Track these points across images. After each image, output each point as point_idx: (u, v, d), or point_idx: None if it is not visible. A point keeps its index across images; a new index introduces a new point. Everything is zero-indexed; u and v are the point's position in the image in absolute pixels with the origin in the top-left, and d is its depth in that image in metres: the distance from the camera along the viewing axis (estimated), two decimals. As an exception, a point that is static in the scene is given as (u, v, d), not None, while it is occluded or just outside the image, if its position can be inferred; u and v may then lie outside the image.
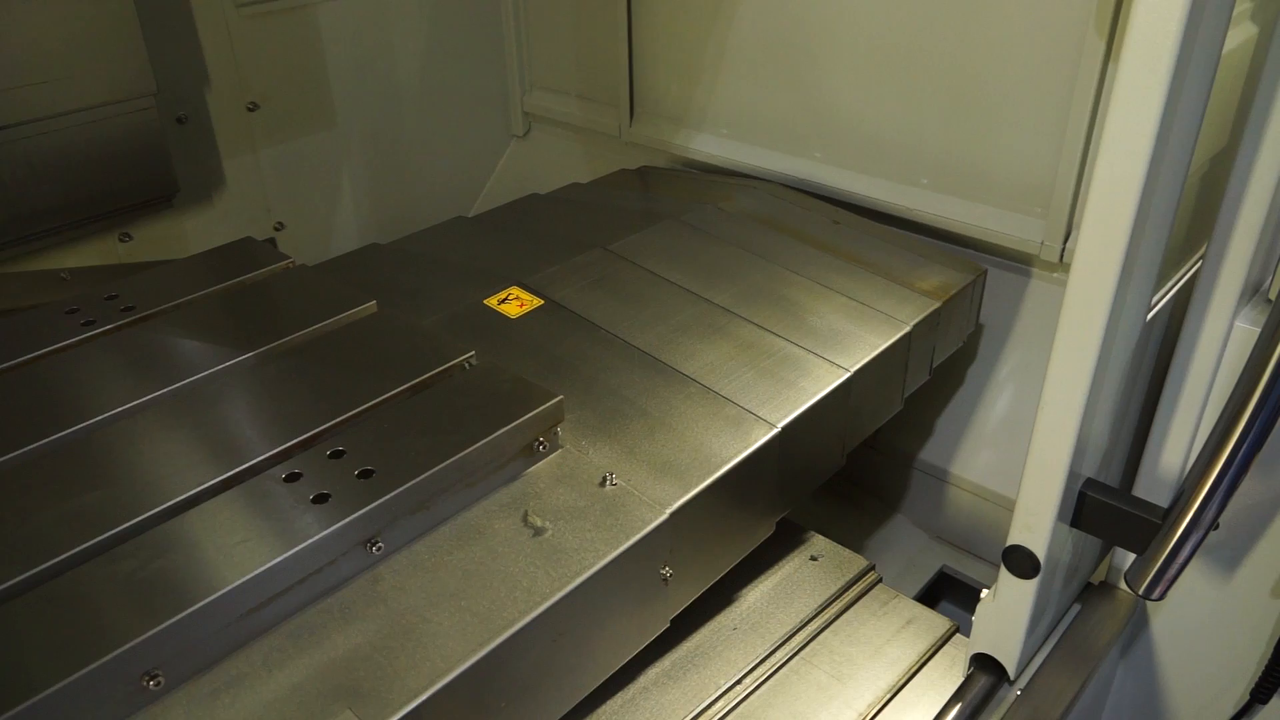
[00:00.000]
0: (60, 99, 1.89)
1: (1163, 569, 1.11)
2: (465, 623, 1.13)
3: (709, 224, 2.08)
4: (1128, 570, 1.15)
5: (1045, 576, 1.19)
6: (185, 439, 1.29)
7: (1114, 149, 0.90)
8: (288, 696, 1.04)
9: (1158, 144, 0.87)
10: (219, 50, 2.29)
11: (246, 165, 2.46)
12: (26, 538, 1.12)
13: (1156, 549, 1.10)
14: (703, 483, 1.36)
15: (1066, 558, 1.27)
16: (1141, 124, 0.87)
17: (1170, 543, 1.08)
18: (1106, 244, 0.94)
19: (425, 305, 1.71)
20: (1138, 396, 1.33)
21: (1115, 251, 0.93)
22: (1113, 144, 0.90)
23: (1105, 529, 1.18)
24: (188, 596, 1.04)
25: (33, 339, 1.49)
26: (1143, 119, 0.87)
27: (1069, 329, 1.01)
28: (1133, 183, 0.89)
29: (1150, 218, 0.96)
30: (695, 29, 2.50)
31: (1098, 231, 0.94)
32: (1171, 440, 1.36)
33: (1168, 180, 0.95)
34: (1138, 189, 0.90)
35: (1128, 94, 0.87)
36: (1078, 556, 1.33)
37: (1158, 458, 1.38)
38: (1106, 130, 0.91)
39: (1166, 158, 0.91)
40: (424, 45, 2.75)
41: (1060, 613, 1.43)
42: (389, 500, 1.18)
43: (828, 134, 2.35)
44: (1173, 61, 0.82)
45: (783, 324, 1.73)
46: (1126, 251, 0.93)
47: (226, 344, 1.47)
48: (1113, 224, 0.92)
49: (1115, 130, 0.89)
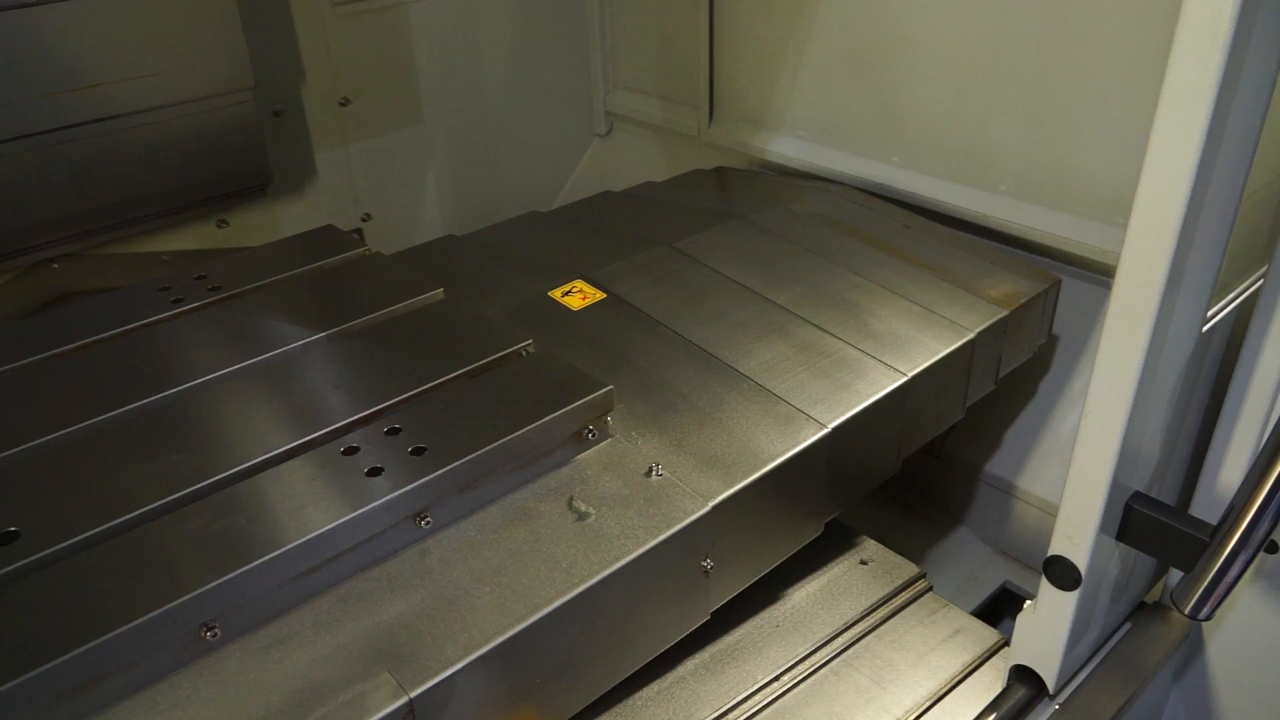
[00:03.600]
0: (165, 91, 2.01)
1: (1210, 589, 1.07)
2: (504, 599, 1.17)
3: (777, 225, 2.09)
4: (1174, 589, 1.12)
5: (1088, 590, 1.17)
6: (257, 410, 1.37)
7: (1160, 154, 0.89)
8: (332, 656, 1.09)
9: (1205, 151, 0.85)
10: (315, 47, 2.39)
11: (337, 158, 2.56)
12: (110, 492, 1.21)
13: (1204, 567, 1.07)
14: (748, 478, 1.38)
15: (1113, 572, 1.24)
16: (1188, 130, 0.85)
17: (1218, 561, 1.05)
18: (1153, 250, 0.92)
19: (491, 295, 1.77)
20: (1195, 411, 1.29)
21: (1161, 258, 0.91)
22: (1159, 148, 0.89)
23: (1152, 545, 1.15)
24: (247, 555, 1.11)
25: (128, 313, 1.60)
26: (1190, 126, 0.85)
27: (1113, 336, 1.00)
28: (1179, 190, 0.88)
29: (1202, 227, 0.94)
30: (776, 31, 2.51)
31: (1144, 237, 0.93)
32: (1230, 458, 1.31)
33: (1222, 190, 0.92)
34: (1184, 197, 0.88)
35: (1174, 99, 0.85)
36: (1127, 573, 1.30)
37: (1215, 476, 1.34)
38: (1153, 135, 0.89)
39: (1218, 166, 0.89)
40: (510, 45, 2.83)
41: (1108, 630, 1.39)
42: (438, 477, 1.23)
43: (905, 138, 2.33)
44: (1222, 62, 0.80)
45: (842, 326, 1.73)
46: (1173, 259, 0.91)
47: (301, 324, 1.55)
48: (1159, 230, 0.91)
49: (1161, 135, 0.88)
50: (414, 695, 1.05)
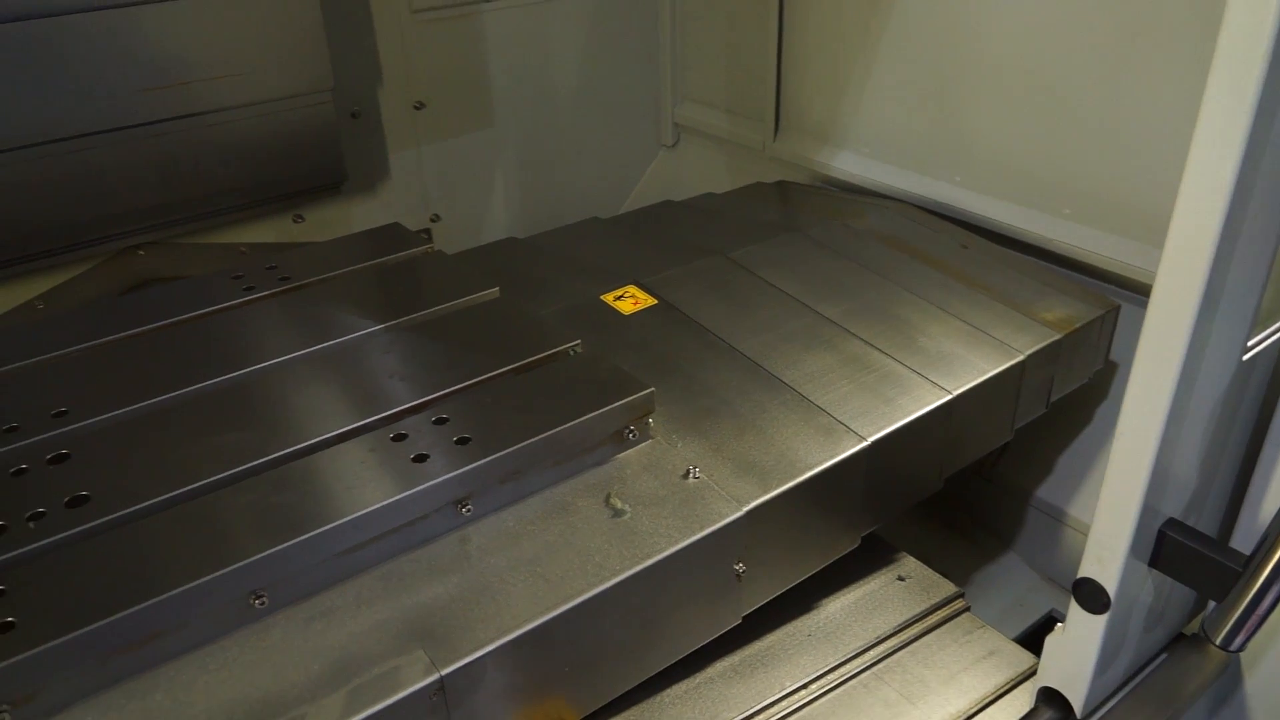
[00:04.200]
0: (249, 91, 2.12)
1: (1242, 619, 1.06)
2: (537, 588, 1.21)
3: (833, 239, 2.10)
4: (1206, 618, 1.11)
5: (1118, 614, 1.16)
6: (315, 394, 1.44)
7: (1197, 172, 0.88)
8: (371, 631, 1.15)
9: (1243, 172, 0.85)
10: (393, 52, 2.48)
11: (409, 159, 2.65)
12: (175, 464, 1.29)
13: (1236, 597, 1.05)
14: (783, 485, 1.40)
15: (1146, 599, 1.23)
16: (1226, 147, 0.85)
17: (1250, 591, 1.03)
18: (1187, 272, 0.92)
19: (545, 296, 1.82)
20: (1237, 441, 1.27)
21: (1196, 280, 0.91)
22: (1196, 165, 0.89)
23: (1186, 573, 1.13)
24: (296, 529, 1.17)
25: (202, 299, 1.69)
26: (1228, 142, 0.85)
27: (1146, 358, 0.99)
28: (1215, 210, 0.88)
29: (1241, 251, 0.93)
30: (844, 48, 2.52)
31: (1178, 258, 0.92)
32: (1273, 490, 1.28)
33: (1264, 213, 0.92)
34: (1220, 217, 0.88)
35: (1211, 124, 0.86)
36: (1163, 601, 1.28)
37: (1257, 508, 1.31)
38: (1190, 158, 0.89)
39: (1259, 188, 0.88)
40: (582, 54, 2.89)
41: (1142, 658, 1.37)
42: (480, 466, 1.28)
43: (969, 158, 2.32)
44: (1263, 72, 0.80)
45: (890, 342, 1.74)
46: (1207, 281, 0.91)
47: (362, 315, 1.62)
48: (1194, 251, 0.91)
49: (1199, 152, 0.88)
50: (445, 673, 1.09)
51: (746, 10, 2.77)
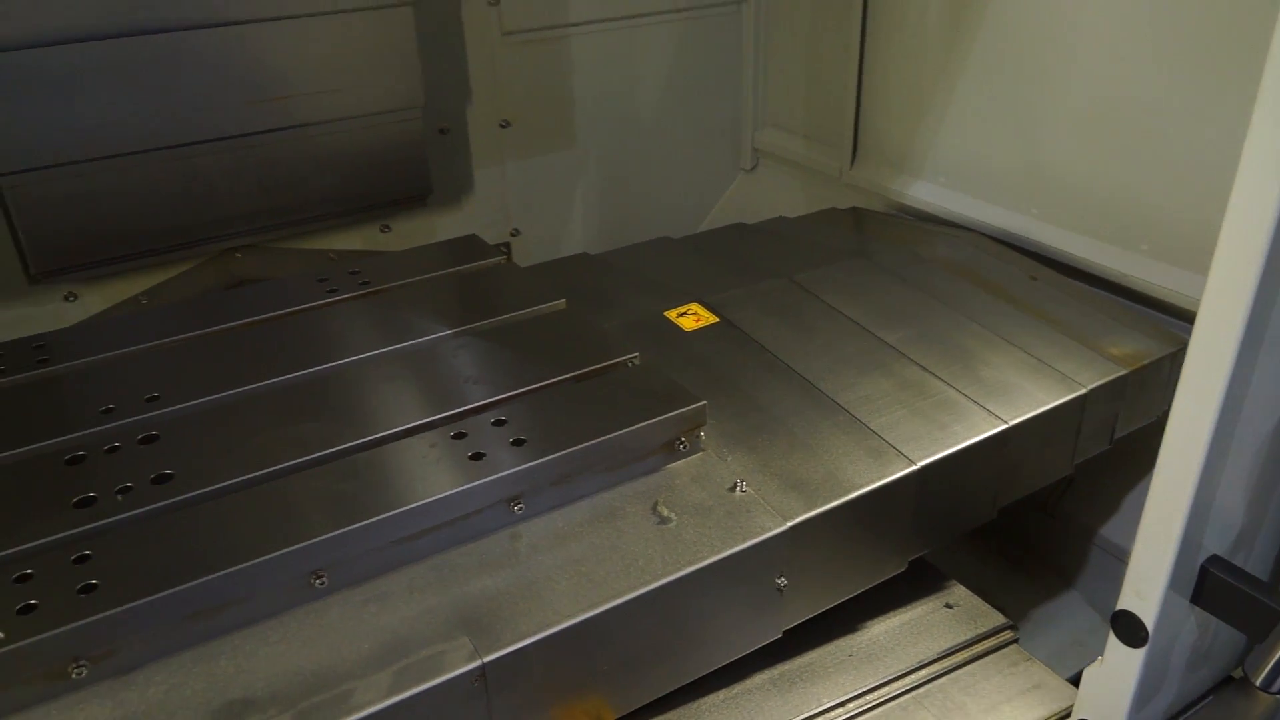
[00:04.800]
0: (345, 105, 2.24)
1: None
2: (581, 586, 1.26)
3: (900, 267, 2.11)
4: (1246, 659, 1.09)
5: (1157, 649, 1.15)
6: (385, 392, 1.52)
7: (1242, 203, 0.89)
8: (421, 616, 1.21)
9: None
10: (482, 72, 2.59)
11: (493, 175, 2.75)
12: (251, 449, 1.38)
13: (1277, 638, 1.04)
14: (829, 504, 1.42)
15: (1189, 637, 1.21)
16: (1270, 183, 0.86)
17: (1294, 634, 1.01)
18: (1230, 302, 0.92)
19: (610, 309, 1.88)
20: (1291, 482, 1.24)
21: (1239, 310, 0.91)
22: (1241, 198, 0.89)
23: (1227, 611, 1.11)
24: (358, 515, 1.24)
25: (288, 299, 1.79)
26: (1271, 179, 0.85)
27: (1188, 388, 0.99)
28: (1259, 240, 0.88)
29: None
30: (924, 79, 2.54)
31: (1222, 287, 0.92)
32: (1329, 534, 1.25)
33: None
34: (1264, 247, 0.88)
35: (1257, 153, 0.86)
36: (1207, 640, 1.25)
37: (1314, 551, 1.27)
38: (1236, 185, 0.90)
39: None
40: (666, 78, 2.96)
41: (1185, 698, 1.34)
42: (532, 467, 1.34)
43: (1046, 190, 2.30)
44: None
45: (949, 370, 1.74)
46: (1250, 311, 0.91)
47: (435, 319, 1.71)
48: (1238, 280, 0.91)
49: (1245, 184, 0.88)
50: (487, 660, 1.15)
51: (829, 39, 2.80)
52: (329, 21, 2.14)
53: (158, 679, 1.13)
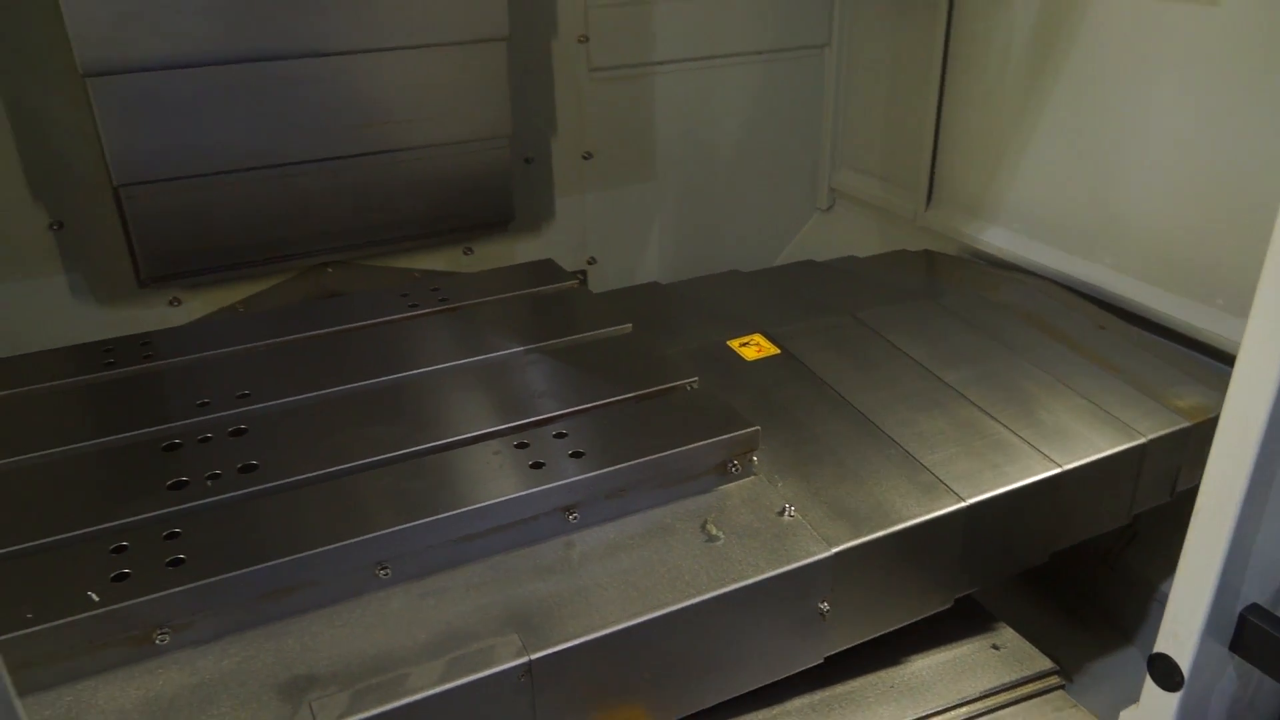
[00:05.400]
0: (438, 132, 2.36)
1: (1323, 716, 1.03)
2: (627, 595, 1.32)
3: (965, 309, 2.13)
4: (1287, 711, 1.08)
5: (1194, 696, 1.14)
6: (456, 401, 1.61)
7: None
8: (475, 612, 1.28)
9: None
10: (568, 105, 2.70)
11: (573, 205, 2.85)
12: (330, 446, 1.48)
13: (1317, 692, 1.03)
14: (874, 533, 1.45)
15: (1229, 685, 1.20)
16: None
17: (1332, 688, 1.00)
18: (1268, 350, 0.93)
19: (674, 336, 1.94)
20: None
21: (1275, 360, 0.92)
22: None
23: (1265, 660, 1.11)
24: (421, 512, 1.33)
25: (372, 311, 1.91)
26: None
27: (1226, 433, 1.00)
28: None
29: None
30: (1001, 125, 2.56)
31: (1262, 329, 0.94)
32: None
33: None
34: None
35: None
36: (1250, 689, 1.24)
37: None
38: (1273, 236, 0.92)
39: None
40: (746, 116, 3.03)
41: (1228, 752, 1.32)
42: (588, 479, 1.41)
43: (1121, 240, 2.30)
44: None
45: (1007, 412, 1.76)
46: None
47: (507, 336, 1.80)
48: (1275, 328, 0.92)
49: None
50: (534, 658, 1.21)
51: (909, 83, 2.84)
52: (428, 54, 2.27)
53: (231, 651, 1.22)
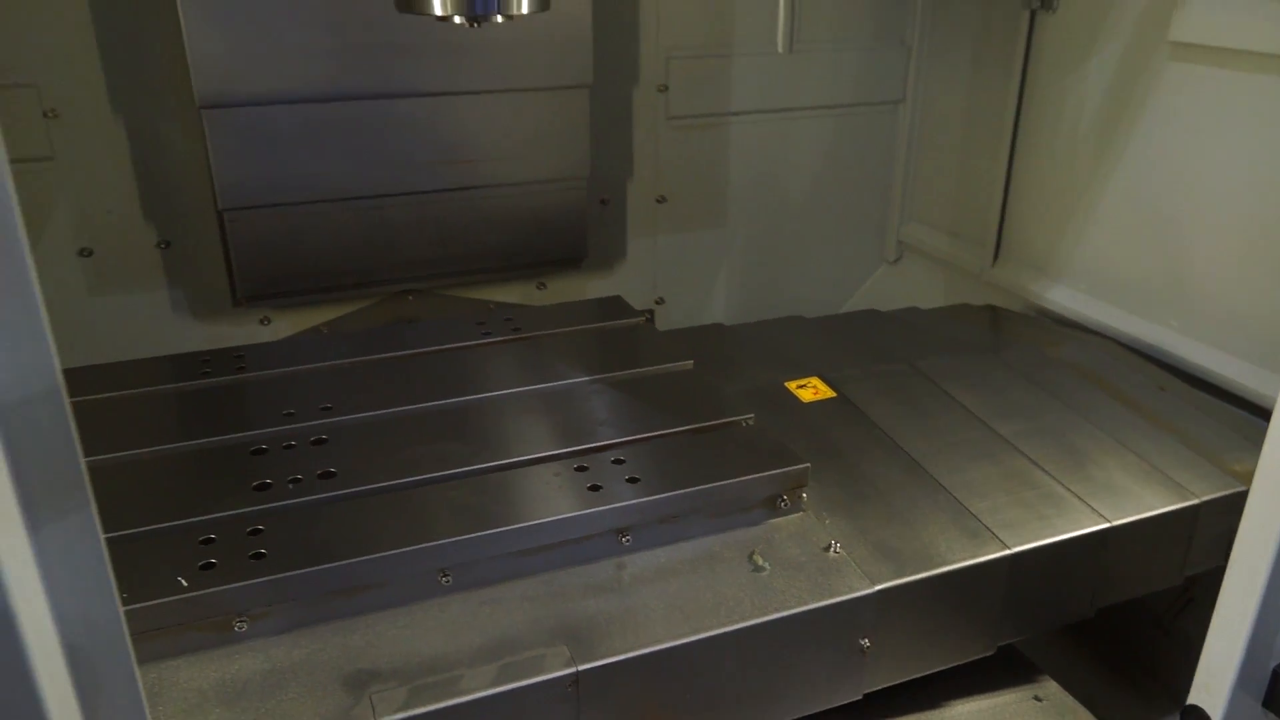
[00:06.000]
0: (519, 171, 2.49)
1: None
2: (672, 617, 1.38)
3: (1024, 364, 2.15)
4: (1320, 772, 1.08)
5: (1228, 752, 1.15)
6: (521, 423, 1.70)
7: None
8: (528, 623, 1.36)
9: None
10: (645, 150, 2.81)
11: (645, 247, 2.95)
12: (402, 459, 1.58)
13: (1350, 754, 1.03)
14: (918, 574, 1.49)
15: (1265, 745, 1.20)
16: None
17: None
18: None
19: (733, 374, 2.01)
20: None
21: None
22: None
23: (1301, 720, 1.11)
24: (483, 524, 1.41)
25: (448, 337, 2.02)
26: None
27: (1262, 483, 1.03)
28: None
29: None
30: (1071, 184, 2.59)
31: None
32: None
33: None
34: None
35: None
36: (1288, 753, 1.23)
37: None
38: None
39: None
40: (818, 167, 3.10)
41: (1266, 814, 1.31)
42: (642, 503, 1.47)
43: (1187, 303, 2.30)
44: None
45: (1059, 466, 1.78)
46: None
47: (573, 367, 1.89)
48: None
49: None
50: (581, 669, 1.28)
51: (981, 141, 2.89)
52: (515, 97, 2.40)
53: (302, 643, 1.31)
